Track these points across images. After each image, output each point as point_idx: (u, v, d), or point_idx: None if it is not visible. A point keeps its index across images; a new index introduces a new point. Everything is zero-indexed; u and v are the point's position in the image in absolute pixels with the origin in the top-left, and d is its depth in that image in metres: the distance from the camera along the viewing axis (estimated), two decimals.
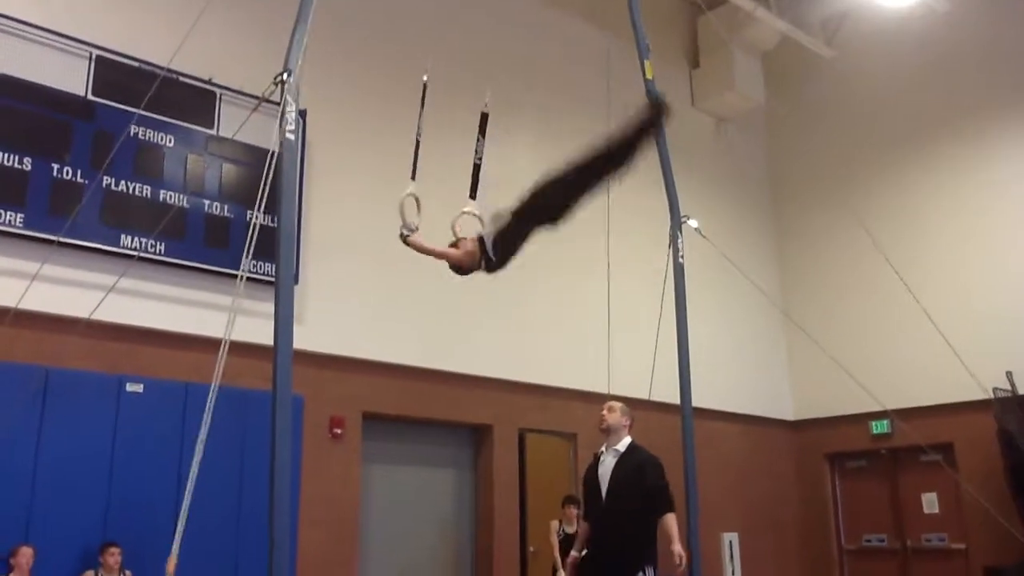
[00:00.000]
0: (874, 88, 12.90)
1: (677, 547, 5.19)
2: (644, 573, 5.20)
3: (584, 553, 5.75)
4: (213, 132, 8.09)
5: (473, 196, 5.20)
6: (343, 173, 8.98)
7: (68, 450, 6.68)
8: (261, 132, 7.48)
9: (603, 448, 5.69)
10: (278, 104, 3.88)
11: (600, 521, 5.48)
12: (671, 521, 5.29)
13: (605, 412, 5.63)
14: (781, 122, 14.00)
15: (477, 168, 5.15)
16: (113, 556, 6.50)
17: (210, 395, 2.99)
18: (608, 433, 5.59)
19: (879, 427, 12.15)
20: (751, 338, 12.88)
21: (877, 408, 10.01)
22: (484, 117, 5.14)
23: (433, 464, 9.53)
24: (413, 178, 4.95)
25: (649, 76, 6.69)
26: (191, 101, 8.02)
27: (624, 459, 5.48)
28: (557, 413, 10.31)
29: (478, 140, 5.04)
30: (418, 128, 4.83)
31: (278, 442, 2.98)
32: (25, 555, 6.19)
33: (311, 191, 8.53)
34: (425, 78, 4.90)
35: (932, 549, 11.75)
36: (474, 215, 5.01)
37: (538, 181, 4.41)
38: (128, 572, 6.58)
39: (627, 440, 5.55)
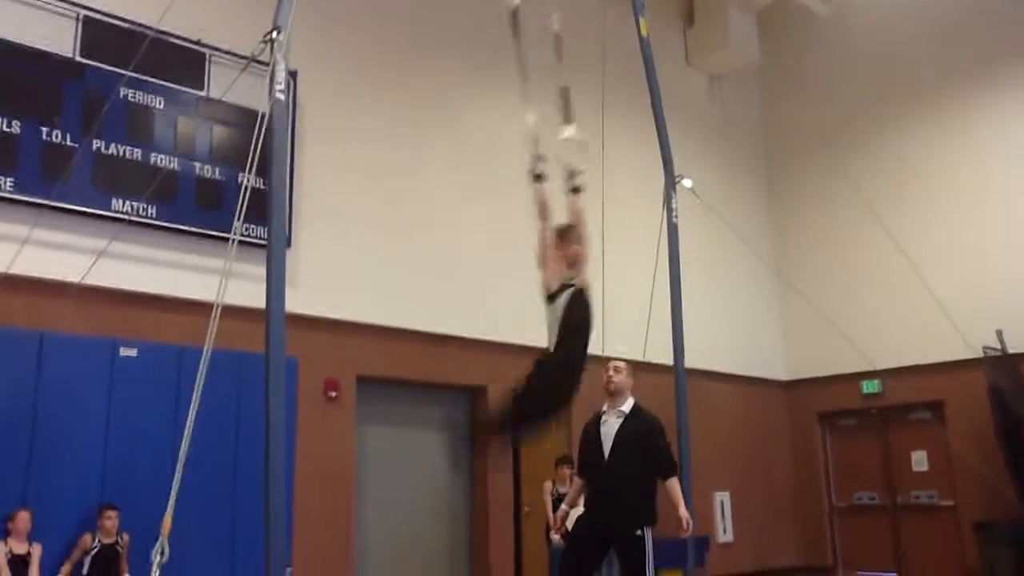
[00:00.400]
0: (868, 46, 12.82)
1: (684, 512, 5.23)
2: (642, 532, 5.24)
3: (582, 512, 5.79)
4: (203, 94, 8.01)
5: (569, 121, 5.07)
6: (337, 134, 8.91)
7: (64, 414, 6.70)
8: (252, 93, 7.41)
9: (605, 407, 5.67)
10: (268, 64, 3.84)
11: (601, 481, 5.48)
12: (675, 485, 5.32)
13: (612, 372, 5.59)
14: (775, 80, 13.92)
15: (566, 93, 5.01)
16: (110, 519, 6.54)
17: (203, 358, 2.99)
18: (614, 394, 5.56)
19: (870, 386, 12.25)
20: (744, 298, 12.91)
21: (868, 368, 10.09)
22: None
23: (428, 426, 9.57)
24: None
25: (644, 33, 6.63)
26: (180, 62, 7.92)
27: (629, 421, 5.47)
28: None
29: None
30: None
31: (272, 404, 2.99)
32: (23, 519, 6.23)
33: (304, 153, 8.47)
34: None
35: (922, 506, 11.91)
36: (576, 139, 4.85)
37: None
38: (125, 534, 6.63)
39: (631, 401, 5.54)
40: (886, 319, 11.76)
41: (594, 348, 8.20)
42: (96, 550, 6.51)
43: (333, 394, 8.48)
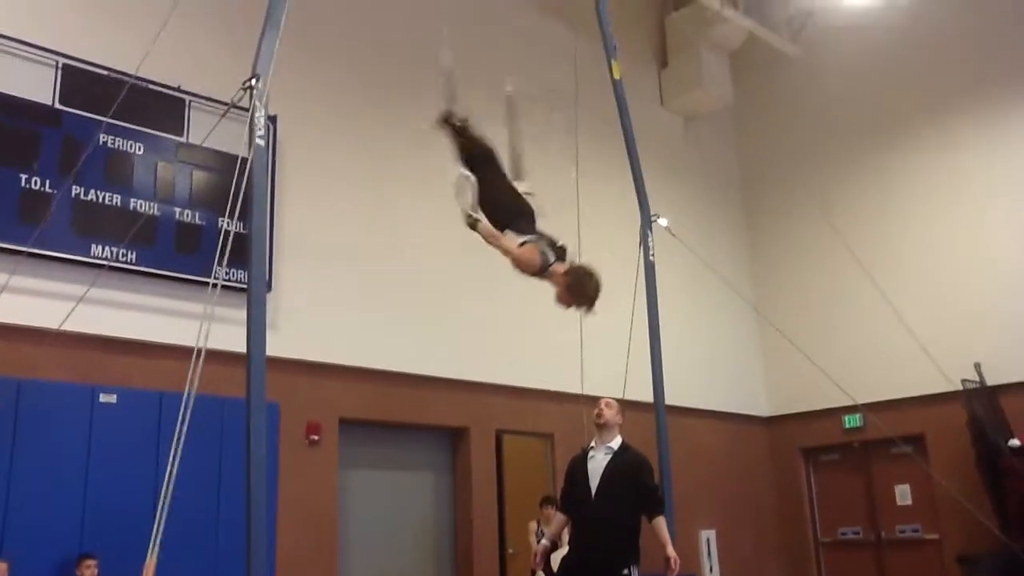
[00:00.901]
0: (840, 84, 13.07)
1: (672, 551, 5.25)
2: (629, 571, 5.24)
3: (567, 550, 5.78)
4: (183, 139, 8.05)
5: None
6: (315, 177, 8.96)
7: (42, 462, 6.63)
8: (231, 138, 7.45)
9: (593, 443, 5.69)
10: (247, 110, 3.88)
11: (587, 518, 5.48)
12: (662, 524, 5.34)
13: (603, 407, 5.65)
14: (749, 119, 14.14)
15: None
16: (90, 568, 6.45)
17: (183, 404, 2.99)
18: (602, 428, 5.60)
19: (851, 421, 12.28)
20: (724, 335, 12.98)
21: (849, 402, 10.14)
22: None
23: (411, 468, 9.53)
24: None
25: (616, 76, 6.75)
26: (160, 108, 7.96)
27: (617, 457, 5.49)
28: (532, 414, 10.34)
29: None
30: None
31: (253, 449, 2.99)
32: (0, 570, 6.14)
33: (283, 195, 8.50)
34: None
35: (906, 540, 11.91)
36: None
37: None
38: None
39: (619, 439, 5.58)
40: (865, 354, 11.84)
41: (575, 387, 8.22)
42: None
43: (315, 437, 8.43)
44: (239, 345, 3.99)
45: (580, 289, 4.57)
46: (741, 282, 12.90)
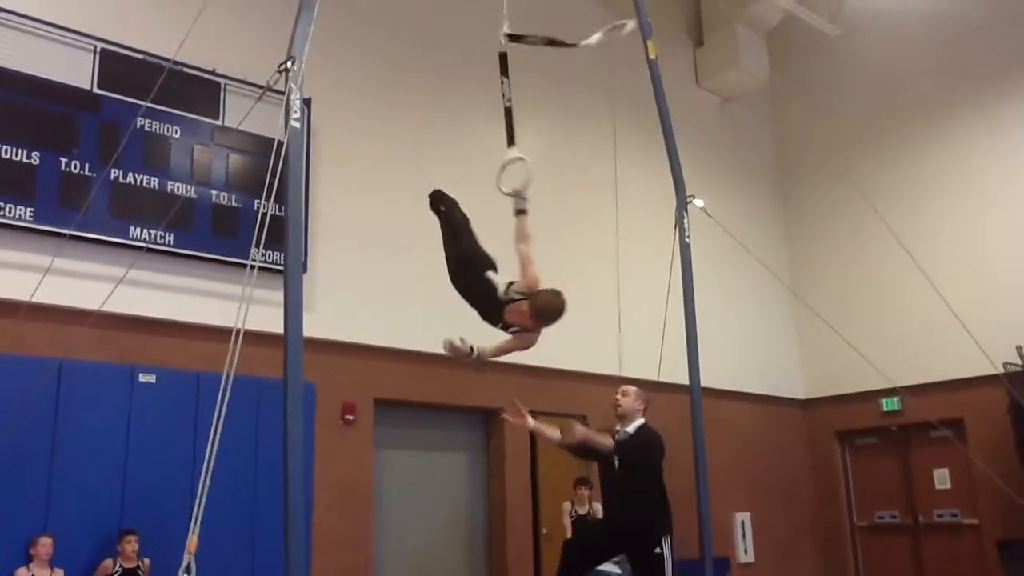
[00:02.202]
0: (879, 64, 12.85)
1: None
2: (661, 547, 5.27)
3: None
4: (218, 122, 8.12)
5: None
6: (349, 159, 8.99)
7: (83, 441, 6.76)
8: (266, 121, 7.49)
9: (618, 428, 5.76)
10: (282, 93, 3.89)
11: (613, 499, 5.58)
12: (641, 490, 5.32)
13: (619, 396, 5.72)
14: (786, 100, 13.95)
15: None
16: (130, 543, 6.58)
17: (222, 384, 3.02)
18: (622, 418, 5.64)
19: (889, 404, 12.15)
20: (760, 317, 12.88)
21: (887, 385, 10.02)
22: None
23: (445, 448, 9.58)
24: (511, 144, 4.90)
25: (652, 56, 6.66)
26: (196, 92, 8.03)
27: (631, 439, 5.55)
28: (567, 395, 10.34)
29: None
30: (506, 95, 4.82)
31: (290, 429, 3.02)
32: (44, 545, 6.28)
33: (317, 178, 8.55)
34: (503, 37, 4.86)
35: (945, 524, 11.78)
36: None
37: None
38: (146, 559, 6.66)
39: (639, 422, 5.61)
40: (904, 335, 11.69)
41: (610, 368, 8.18)
42: (118, 574, 6.54)
43: (350, 417, 8.50)
44: (275, 326, 4.02)
45: (549, 312, 4.95)
46: (777, 263, 12.77)
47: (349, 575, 8.10)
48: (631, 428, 5.65)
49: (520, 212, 4.83)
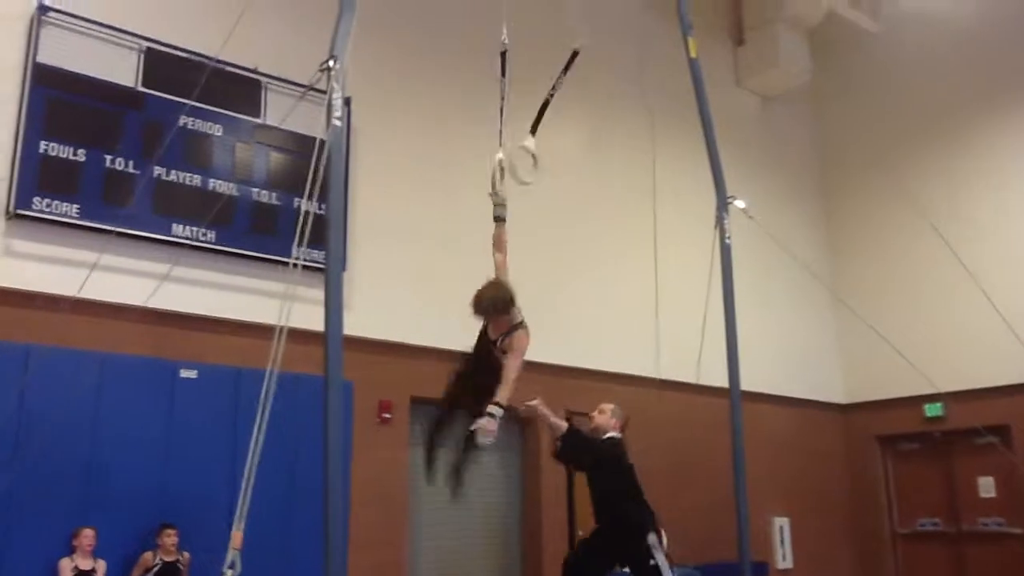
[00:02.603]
0: (923, 62, 12.62)
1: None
2: (648, 543, 5.23)
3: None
4: (259, 120, 8.18)
5: (534, 132, 5.22)
6: (390, 157, 9.03)
7: (125, 434, 6.84)
8: (306, 119, 7.56)
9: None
10: (323, 92, 3.90)
11: (596, 509, 5.78)
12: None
13: (596, 414, 5.85)
14: (828, 99, 13.76)
15: (546, 104, 5.18)
16: (170, 537, 6.66)
17: (266, 380, 3.04)
18: (596, 432, 5.85)
19: (932, 410, 11.93)
20: (800, 320, 12.73)
21: (930, 390, 9.84)
22: (574, 54, 5.16)
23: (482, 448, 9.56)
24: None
25: (693, 54, 6.61)
26: (237, 90, 8.11)
27: (601, 442, 5.81)
28: (604, 396, 10.25)
29: (559, 77, 5.05)
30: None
31: (330, 427, 3.02)
32: (87, 536, 6.38)
33: (356, 177, 8.59)
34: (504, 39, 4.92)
35: (988, 533, 11.54)
36: (530, 151, 5.02)
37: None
38: (185, 553, 6.74)
39: (612, 434, 5.73)
40: (949, 340, 11.46)
41: (647, 370, 8.11)
42: (157, 568, 6.63)
43: (387, 416, 8.53)
44: (313, 323, 4.04)
45: (481, 300, 5.24)
46: (818, 265, 12.62)
47: (384, 571, 8.12)
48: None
49: (499, 220, 4.93)
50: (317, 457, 3.20)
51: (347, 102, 7.80)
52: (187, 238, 7.39)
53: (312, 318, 4.24)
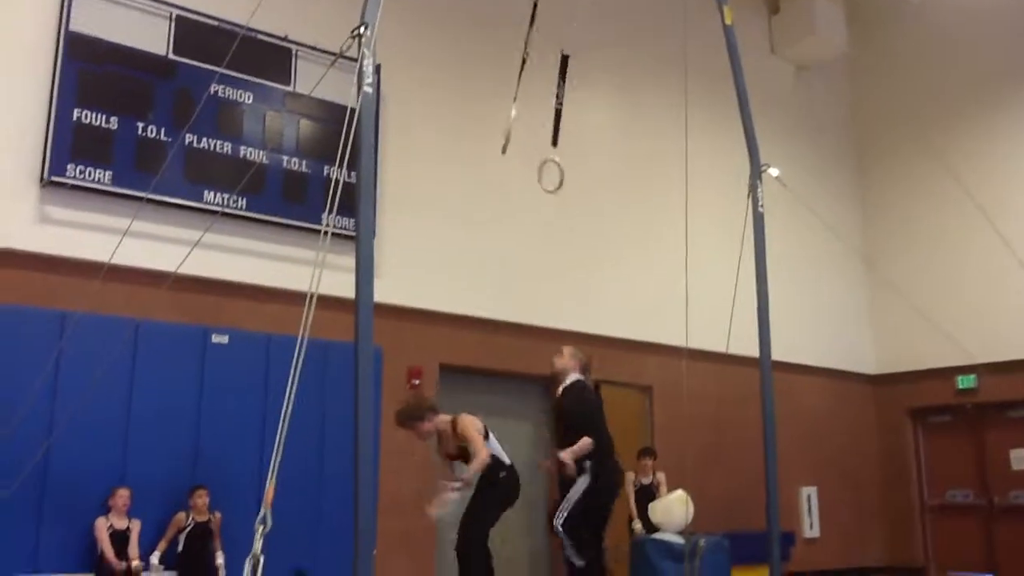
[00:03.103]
0: (962, 30, 12.34)
1: (563, 453, 5.61)
2: (586, 469, 5.58)
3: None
4: (290, 88, 8.19)
5: (555, 143, 5.21)
6: (418, 125, 9.01)
7: (158, 399, 6.95)
8: (336, 87, 7.54)
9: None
10: (354, 59, 3.88)
11: (560, 446, 5.93)
12: (582, 441, 5.63)
13: (555, 357, 6.04)
14: (864, 68, 13.52)
15: (558, 114, 5.14)
16: (201, 498, 6.79)
17: (297, 347, 3.07)
18: (557, 376, 5.97)
19: (965, 382, 11.81)
20: (832, 290, 12.63)
21: (963, 362, 9.74)
22: (564, 60, 5.10)
23: (510, 415, 9.60)
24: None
25: (728, 21, 6.51)
26: (267, 58, 8.12)
27: (564, 392, 5.92)
28: (633, 366, 10.30)
29: (559, 84, 5.00)
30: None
31: (360, 394, 3.05)
32: (122, 496, 6.51)
33: (386, 143, 8.59)
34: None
35: (1020, 507, 11.45)
36: (555, 162, 5.06)
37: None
38: (217, 513, 6.86)
39: (571, 379, 5.90)
40: (983, 311, 11.31)
41: (677, 339, 8.08)
42: (190, 528, 6.76)
43: (416, 382, 8.59)
44: (342, 290, 4.06)
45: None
46: (852, 235, 12.49)
47: (412, 538, 8.21)
48: (568, 382, 5.90)
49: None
50: (347, 423, 3.22)
51: (377, 70, 7.81)
52: (218, 205, 7.44)
53: (341, 285, 4.26)
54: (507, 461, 5.20)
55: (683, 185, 6.89)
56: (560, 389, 5.83)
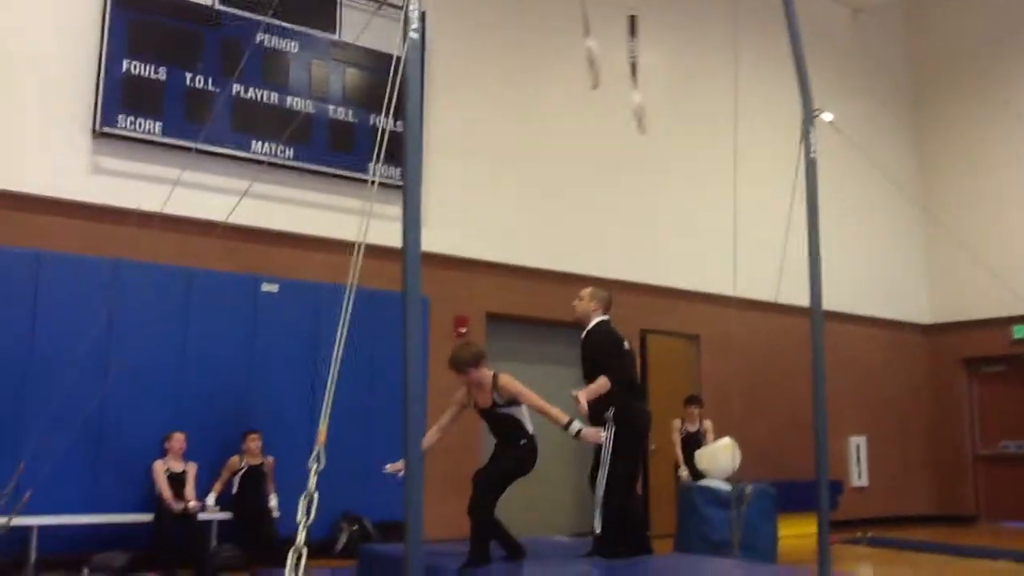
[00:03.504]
0: None
1: (579, 392, 5.37)
2: (608, 419, 5.34)
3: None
4: (335, 37, 8.17)
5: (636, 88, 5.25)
6: (464, 73, 8.95)
7: (211, 347, 7.10)
8: (380, 36, 7.50)
9: None
10: (398, 7, 3.84)
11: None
12: (598, 380, 5.38)
13: (576, 303, 5.71)
14: (923, 11, 13.07)
15: (634, 67, 5.16)
16: (254, 442, 6.95)
17: (346, 296, 3.10)
18: (580, 320, 5.68)
19: (1022, 331, 11.59)
20: (885, 239, 12.40)
21: (1019, 312, 9.52)
22: (632, 20, 5.11)
23: (556, 363, 9.63)
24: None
25: None
26: (313, 7, 8.09)
27: (587, 336, 5.62)
28: (680, 314, 10.26)
29: (630, 41, 5.05)
30: None
31: (409, 343, 3.07)
32: (178, 440, 6.69)
33: (432, 93, 8.55)
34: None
35: None
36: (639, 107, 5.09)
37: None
38: (270, 457, 7.02)
39: (595, 320, 5.60)
40: None
41: (725, 288, 8.05)
42: (244, 470, 6.93)
43: (463, 330, 8.64)
44: (388, 240, 4.07)
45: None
46: (907, 181, 12.20)
47: (460, 480, 8.28)
48: (590, 325, 5.64)
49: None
50: (395, 371, 3.25)
51: (423, 17, 7.74)
52: (266, 155, 7.48)
53: (387, 234, 4.27)
54: (530, 429, 5.15)
55: (733, 130, 6.76)
56: (584, 333, 5.71)
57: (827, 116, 6.04)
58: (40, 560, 6.12)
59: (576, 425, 4.89)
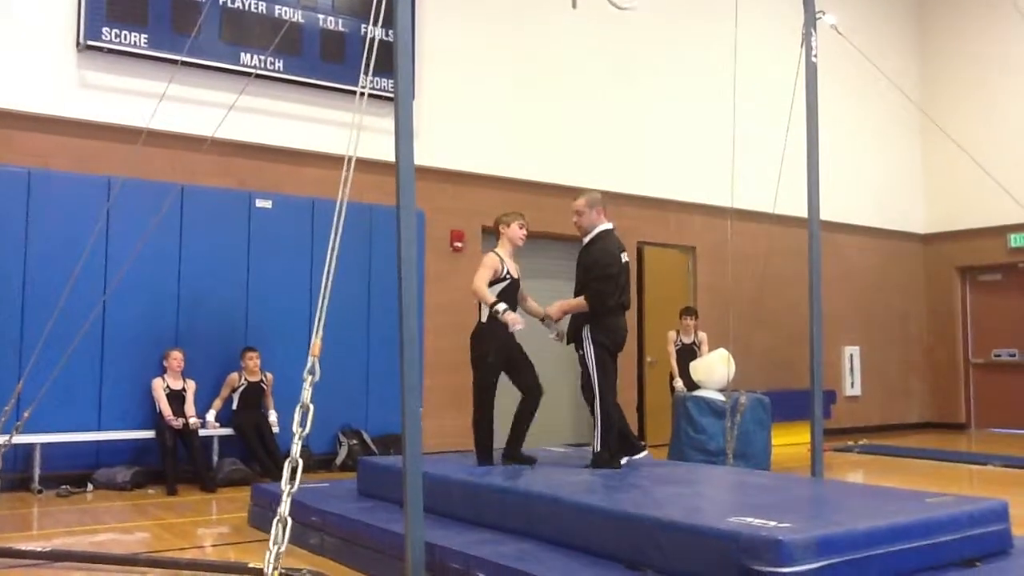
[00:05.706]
0: None
1: (551, 307, 5.46)
2: (585, 338, 5.26)
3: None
4: None
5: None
6: None
7: (207, 264, 7.08)
8: None
9: None
10: None
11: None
12: (577, 299, 5.33)
13: (575, 218, 5.42)
14: None
15: None
16: (252, 359, 6.99)
17: (337, 209, 3.05)
18: (583, 233, 5.41)
19: (1018, 240, 11.60)
20: (885, 146, 12.28)
21: (1017, 220, 9.49)
22: None
23: (552, 276, 9.64)
24: None
25: None
26: None
27: (584, 248, 5.41)
28: (676, 226, 10.22)
29: None
30: None
31: (404, 256, 3.03)
32: (176, 358, 6.73)
33: (422, 1, 8.33)
34: None
35: None
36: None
37: None
38: (268, 374, 7.07)
39: (598, 228, 5.36)
40: None
41: (722, 199, 7.98)
42: (243, 387, 7.00)
43: (459, 245, 8.62)
44: (382, 153, 4.00)
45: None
46: (908, 86, 12.01)
47: (457, 394, 8.40)
48: (592, 234, 5.38)
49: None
50: (392, 286, 3.23)
51: None
52: (256, 67, 7.31)
53: (380, 147, 4.20)
54: (497, 308, 5.10)
55: (731, 34, 6.61)
56: (583, 244, 5.50)
57: (829, 19, 5.89)
58: (44, 477, 6.22)
59: (501, 306, 4.96)
